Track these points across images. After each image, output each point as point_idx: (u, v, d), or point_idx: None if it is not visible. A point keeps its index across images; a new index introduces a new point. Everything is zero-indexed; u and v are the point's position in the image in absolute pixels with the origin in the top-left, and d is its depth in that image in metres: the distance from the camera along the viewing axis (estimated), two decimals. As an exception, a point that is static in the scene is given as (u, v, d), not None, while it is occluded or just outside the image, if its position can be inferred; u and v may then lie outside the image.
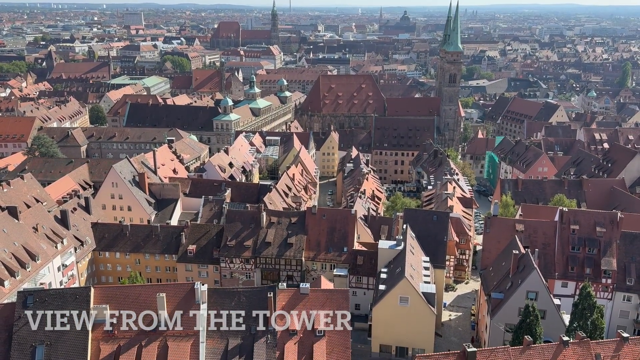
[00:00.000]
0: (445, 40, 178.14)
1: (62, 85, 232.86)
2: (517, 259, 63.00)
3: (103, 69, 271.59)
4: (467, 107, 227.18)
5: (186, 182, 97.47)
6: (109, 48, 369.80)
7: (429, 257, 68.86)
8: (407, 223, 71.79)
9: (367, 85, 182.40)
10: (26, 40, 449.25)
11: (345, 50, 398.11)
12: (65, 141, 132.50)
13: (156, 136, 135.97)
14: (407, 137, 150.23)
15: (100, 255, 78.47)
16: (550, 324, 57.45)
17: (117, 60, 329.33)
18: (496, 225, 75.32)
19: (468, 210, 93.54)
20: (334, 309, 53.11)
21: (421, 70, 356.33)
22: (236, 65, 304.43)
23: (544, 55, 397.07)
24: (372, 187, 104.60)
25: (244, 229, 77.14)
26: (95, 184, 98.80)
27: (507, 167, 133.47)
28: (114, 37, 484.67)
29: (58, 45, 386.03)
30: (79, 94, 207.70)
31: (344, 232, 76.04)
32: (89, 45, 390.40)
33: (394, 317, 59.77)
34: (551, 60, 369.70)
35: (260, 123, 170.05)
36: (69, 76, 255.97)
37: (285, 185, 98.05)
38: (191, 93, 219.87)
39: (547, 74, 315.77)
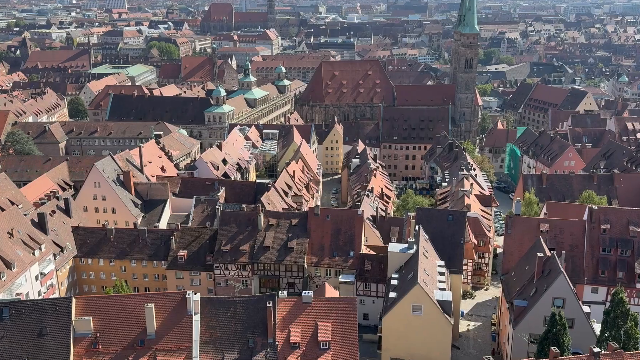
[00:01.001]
0: (460, 21, 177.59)
1: (38, 76, 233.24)
2: (542, 262, 62.94)
3: (83, 57, 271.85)
4: (485, 95, 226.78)
5: (176, 181, 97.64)
6: (89, 34, 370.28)
7: (444, 262, 68.86)
8: (419, 224, 71.78)
9: (374, 72, 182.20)
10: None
11: (349, 34, 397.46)
12: (42, 137, 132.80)
13: (142, 131, 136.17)
14: (419, 128, 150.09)
15: (82, 262, 78.70)
16: (579, 334, 57.38)
17: (98, 47, 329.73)
18: (518, 225, 75.17)
19: (487, 209, 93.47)
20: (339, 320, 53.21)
21: (434, 55, 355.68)
22: (229, 52, 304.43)
23: (569, 36, 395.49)
24: (380, 184, 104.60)
25: (240, 232, 77.25)
26: (76, 184, 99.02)
27: (530, 161, 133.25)
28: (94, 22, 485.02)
29: (33, 32, 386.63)
30: (57, 85, 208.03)
31: (350, 234, 76.08)
32: (67, 31, 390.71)
33: (406, 327, 59.83)
34: (578, 42, 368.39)
35: (257, 115, 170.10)
36: (45, 65, 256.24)
37: (284, 184, 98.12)
38: (180, 83, 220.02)
39: (574, 57, 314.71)
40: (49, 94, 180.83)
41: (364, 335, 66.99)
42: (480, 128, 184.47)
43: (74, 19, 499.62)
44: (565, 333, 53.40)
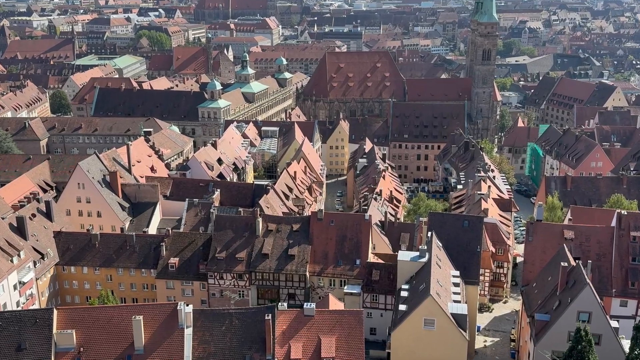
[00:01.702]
0: (477, 9, 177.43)
1: (18, 67, 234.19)
2: (566, 272, 62.82)
3: (66, 47, 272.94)
4: (505, 90, 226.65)
5: (166, 183, 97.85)
6: (73, 22, 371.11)
7: (459, 271, 68.81)
8: (432, 230, 71.77)
9: (383, 64, 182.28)
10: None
11: (356, 22, 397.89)
12: (21, 134, 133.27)
13: (130, 127, 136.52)
14: (432, 126, 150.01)
15: (64, 270, 78.91)
16: (607, 351, 57.25)
17: (83, 36, 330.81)
18: (540, 232, 75.08)
19: (506, 214, 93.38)
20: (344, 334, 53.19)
21: (448, 46, 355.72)
22: (225, 42, 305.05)
23: (597, 26, 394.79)
24: (389, 187, 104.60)
25: (236, 238, 77.34)
26: (58, 185, 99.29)
27: (553, 162, 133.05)
28: (79, 8, 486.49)
29: (12, 20, 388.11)
30: (38, 78, 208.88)
31: (357, 241, 76.09)
32: (49, 19, 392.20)
33: (417, 343, 59.78)
34: (606, 32, 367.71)
35: (255, 111, 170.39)
36: (25, 56, 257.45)
37: (285, 186, 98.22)
38: (172, 75, 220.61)
39: (601, 48, 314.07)
40: (30, 87, 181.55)
41: (371, 351, 66.94)
42: (499, 126, 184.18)
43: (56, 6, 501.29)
44: (591, 350, 53.22)
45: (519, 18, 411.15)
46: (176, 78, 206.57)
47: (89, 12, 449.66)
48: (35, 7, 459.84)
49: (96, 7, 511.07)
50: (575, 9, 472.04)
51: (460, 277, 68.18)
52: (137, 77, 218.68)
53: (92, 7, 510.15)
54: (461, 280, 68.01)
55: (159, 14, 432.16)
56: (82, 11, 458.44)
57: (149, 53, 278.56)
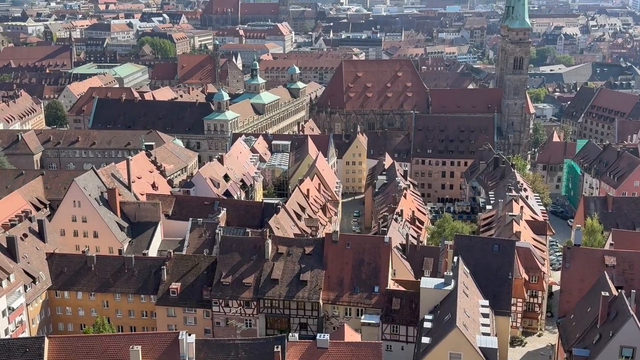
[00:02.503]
0: (507, 13, 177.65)
1: (11, 76, 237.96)
2: (608, 303, 62.06)
3: (63, 54, 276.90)
4: (538, 101, 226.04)
5: (169, 201, 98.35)
6: (70, 28, 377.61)
7: (488, 301, 68.19)
8: (458, 255, 71.30)
9: (404, 73, 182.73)
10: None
11: (375, 28, 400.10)
12: (14, 147, 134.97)
13: (131, 141, 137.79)
14: (458, 140, 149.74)
15: (57, 295, 79.26)
16: (654, 391, 56.27)
17: (82, 43, 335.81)
18: (579, 257, 74.40)
19: (541, 237, 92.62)
20: (361, 369, 52.80)
21: (476, 54, 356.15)
22: (234, 49, 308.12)
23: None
24: (411, 206, 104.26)
25: (244, 261, 77.34)
26: (52, 203, 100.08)
27: (592, 181, 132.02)
28: (77, 13, 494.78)
29: (6, 25, 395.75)
30: (33, 87, 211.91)
31: (375, 266, 75.77)
32: (45, 25, 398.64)
33: (441, 379, 59.12)
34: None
35: (265, 123, 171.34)
36: (19, 64, 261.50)
37: (297, 205, 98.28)
38: (176, 85, 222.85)
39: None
40: (23, 97, 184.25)
41: (391, 388, 66.27)
42: (533, 140, 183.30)
43: (53, 11, 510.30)
44: (636, 390, 52.40)
45: (554, 24, 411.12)
46: (181, 88, 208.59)
47: (88, 18, 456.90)
48: (30, 12, 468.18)
49: (96, 12, 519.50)
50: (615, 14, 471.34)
51: (490, 307, 67.51)
52: (139, 87, 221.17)
53: (91, 12, 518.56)
54: (491, 310, 67.34)
55: (163, 19, 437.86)
56: (80, 16, 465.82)
57: (151, 61, 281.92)
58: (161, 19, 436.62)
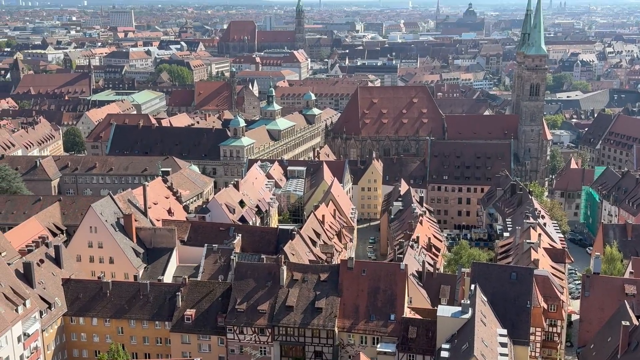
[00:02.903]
0: (523, 40, 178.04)
1: (30, 103, 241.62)
2: (628, 332, 61.04)
3: (82, 81, 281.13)
4: (555, 128, 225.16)
5: (184, 227, 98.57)
6: (90, 55, 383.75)
7: (506, 330, 67.31)
8: (476, 282, 70.62)
9: (420, 100, 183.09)
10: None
11: (391, 55, 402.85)
12: (32, 173, 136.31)
13: (147, 167, 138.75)
14: (475, 167, 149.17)
15: (72, 321, 79.35)
16: None
17: (100, 70, 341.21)
18: (598, 286, 73.64)
19: (559, 265, 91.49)
20: (377, 398, 52.10)
21: (492, 80, 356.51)
22: (250, 76, 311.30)
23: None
24: (427, 233, 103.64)
25: (258, 288, 77.12)
26: (69, 229, 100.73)
27: (611, 208, 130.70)
28: (96, 41, 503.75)
29: (26, 53, 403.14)
30: (52, 114, 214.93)
31: (391, 293, 75.18)
32: (64, 52, 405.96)
33: (459, 410, 58.20)
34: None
35: (281, 149, 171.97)
36: (39, 91, 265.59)
37: (312, 231, 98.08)
38: (193, 111, 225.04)
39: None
40: (42, 123, 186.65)
41: (408, 418, 65.28)
42: (550, 167, 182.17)
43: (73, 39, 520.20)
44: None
45: (570, 50, 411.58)
46: (197, 114, 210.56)
47: (107, 46, 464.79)
48: (50, 40, 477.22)
49: (115, 40, 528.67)
50: (632, 41, 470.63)
51: (508, 336, 66.62)
52: (156, 114, 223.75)
53: (110, 40, 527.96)
54: (509, 339, 66.44)
55: (181, 47, 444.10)
56: (99, 44, 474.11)
57: (169, 88, 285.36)
58: (179, 47, 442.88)
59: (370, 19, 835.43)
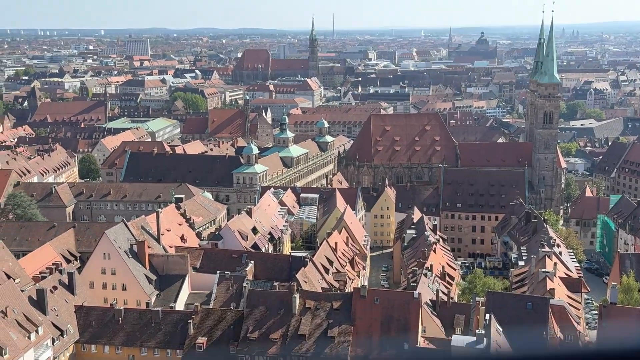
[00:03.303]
0: (536, 68, 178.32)
1: (47, 130, 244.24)
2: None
3: (98, 109, 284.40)
4: (570, 156, 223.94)
5: (197, 253, 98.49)
6: (106, 84, 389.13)
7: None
8: (490, 312, 69.78)
9: (433, 127, 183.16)
10: (5, 75, 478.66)
11: (403, 83, 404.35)
12: (47, 200, 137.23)
13: (161, 194, 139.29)
14: (489, 194, 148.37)
15: (84, 348, 79.04)
16: None
17: (116, 98, 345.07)
18: (615, 316, 72.46)
19: (575, 295, 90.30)
20: None
21: (505, 108, 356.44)
22: (264, 104, 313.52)
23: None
24: (441, 261, 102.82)
25: (271, 316, 76.57)
26: (83, 255, 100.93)
27: (627, 237, 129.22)
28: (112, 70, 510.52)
29: (44, 81, 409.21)
30: (67, 141, 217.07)
31: (404, 322, 74.37)
32: (81, 81, 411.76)
33: None
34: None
35: (294, 176, 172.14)
36: (55, 118, 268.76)
37: (325, 258, 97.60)
38: (207, 139, 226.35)
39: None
40: (58, 150, 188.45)
41: None
42: (565, 195, 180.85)
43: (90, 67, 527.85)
44: None
45: (584, 78, 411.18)
46: (211, 142, 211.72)
47: (123, 74, 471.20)
48: (67, 69, 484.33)
49: (131, 68, 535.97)
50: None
51: (524, 366, 65.46)
52: (171, 141, 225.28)
53: (126, 68, 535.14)
54: (525, 370, 65.23)
55: (196, 75, 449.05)
56: (116, 73, 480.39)
57: (183, 115, 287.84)
58: (194, 75, 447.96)
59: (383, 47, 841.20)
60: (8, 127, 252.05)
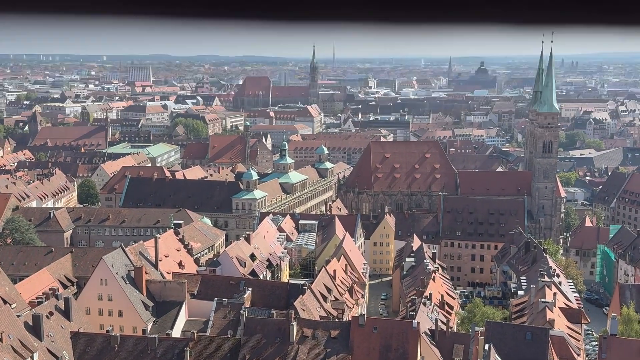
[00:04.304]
0: (535, 98, 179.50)
1: (47, 155, 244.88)
2: (649, 397, 59.13)
3: (99, 134, 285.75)
4: (569, 185, 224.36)
5: (195, 280, 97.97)
6: (107, 109, 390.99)
7: (521, 392, 65.52)
8: (490, 342, 69.24)
9: (432, 155, 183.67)
10: (7, 99, 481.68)
11: (403, 111, 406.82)
12: (45, 225, 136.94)
13: (160, 219, 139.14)
14: (488, 223, 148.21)
15: (78, 375, 78.24)
16: None
17: (117, 124, 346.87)
18: (615, 348, 72.19)
19: (575, 326, 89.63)
20: None
21: (505, 137, 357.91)
22: (264, 130, 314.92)
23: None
24: (440, 290, 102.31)
25: (268, 344, 75.92)
26: (80, 281, 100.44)
27: (627, 268, 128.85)
28: (114, 95, 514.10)
29: (45, 106, 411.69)
30: (67, 166, 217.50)
31: (403, 352, 73.75)
32: (82, 106, 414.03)
33: None
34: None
35: (293, 203, 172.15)
36: (55, 143, 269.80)
37: (323, 286, 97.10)
38: (207, 164, 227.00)
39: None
40: (57, 175, 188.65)
41: None
42: (564, 225, 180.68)
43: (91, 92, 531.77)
44: None
45: (583, 108, 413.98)
46: (211, 167, 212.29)
47: (125, 99, 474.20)
48: (69, 94, 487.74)
49: (132, 94, 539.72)
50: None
51: (523, 398, 64.82)
52: (171, 166, 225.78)
53: (128, 94, 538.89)
54: (524, 402, 64.57)
55: (197, 101, 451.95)
56: (117, 98, 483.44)
57: (184, 141, 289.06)
58: (195, 101, 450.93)
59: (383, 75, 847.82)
60: (8, 152, 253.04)
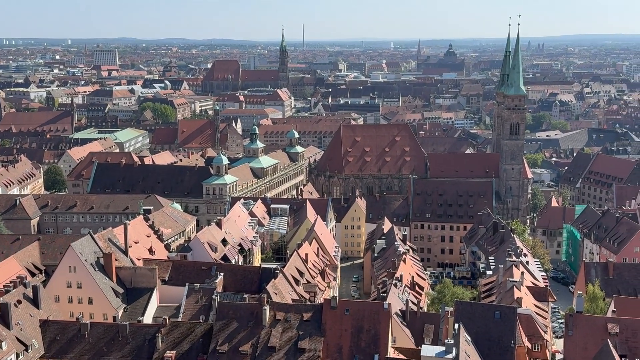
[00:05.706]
0: (503, 80, 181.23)
1: (11, 141, 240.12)
2: (613, 372, 60.75)
3: (64, 119, 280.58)
4: (536, 167, 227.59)
5: (165, 266, 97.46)
6: (72, 94, 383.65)
7: (490, 369, 66.79)
8: (459, 321, 70.28)
9: (402, 138, 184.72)
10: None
11: (373, 94, 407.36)
12: (11, 212, 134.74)
13: (129, 205, 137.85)
14: (457, 205, 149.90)
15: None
16: None
17: (83, 108, 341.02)
18: (581, 325, 73.51)
19: (542, 304, 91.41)
20: None
21: (473, 119, 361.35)
22: (234, 114, 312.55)
23: (634, 99, 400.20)
24: (411, 271, 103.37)
25: (240, 328, 76.04)
26: (48, 269, 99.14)
27: (592, 247, 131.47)
28: (80, 80, 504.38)
29: (9, 91, 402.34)
30: (33, 152, 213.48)
31: (374, 333, 74.50)
32: (47, 90, 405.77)
33: None
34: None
35: (264, 187, 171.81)
36: (20, 129, 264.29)
37: (295, 269, 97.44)
38: (176, 149, 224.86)
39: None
40: (23, 161, 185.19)
41: None
42: (531, 205, 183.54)
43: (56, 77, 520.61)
44: None
45: (549, 90, 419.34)
46: (180, 152, 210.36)
47: (91, 84, 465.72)
48: (33, 78, 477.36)
49: (98, 78, 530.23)
50: (609, 81, 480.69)
51: (492, 376, 66.11)
52: (139, 152, 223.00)
53: (94, 78, 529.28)
54: (493, 379, 65.89)
55: (165, 85, 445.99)
56: (83, 82, 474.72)
57: (152, 126, 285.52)
58: (163, 85, 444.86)
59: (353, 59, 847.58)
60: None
